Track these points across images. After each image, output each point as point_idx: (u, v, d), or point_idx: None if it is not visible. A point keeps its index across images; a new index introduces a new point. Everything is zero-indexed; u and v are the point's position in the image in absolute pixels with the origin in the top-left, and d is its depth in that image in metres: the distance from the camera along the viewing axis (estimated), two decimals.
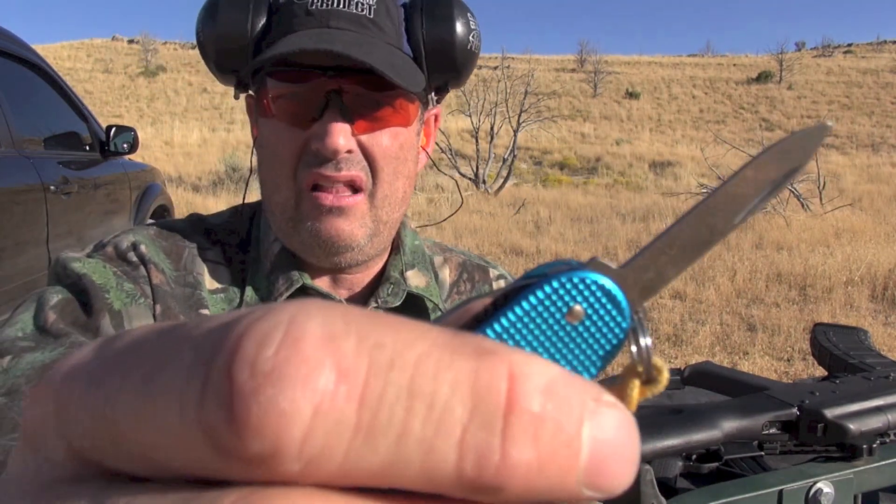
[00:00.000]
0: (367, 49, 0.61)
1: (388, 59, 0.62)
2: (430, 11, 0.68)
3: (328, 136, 0.61)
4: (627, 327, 0.16)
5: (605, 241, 6.97)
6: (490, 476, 0.12)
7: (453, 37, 0.68)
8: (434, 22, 0.68)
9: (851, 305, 4.79)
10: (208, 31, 0.66)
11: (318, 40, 0.61)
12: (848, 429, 0.63)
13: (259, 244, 0.71)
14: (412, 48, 0.68)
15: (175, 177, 12.56)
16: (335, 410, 0.11)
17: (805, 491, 0.62)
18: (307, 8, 0.63)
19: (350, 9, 0.63)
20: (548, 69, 37.66)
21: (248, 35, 0.65)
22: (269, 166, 0.66)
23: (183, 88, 34.88)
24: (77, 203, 3.06)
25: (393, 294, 0.70)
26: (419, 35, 0.68)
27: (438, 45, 0.68)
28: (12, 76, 2.86)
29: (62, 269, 0.63)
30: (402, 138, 0.67)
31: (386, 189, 0.66)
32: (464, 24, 0.69)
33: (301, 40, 0.61)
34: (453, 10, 0.69)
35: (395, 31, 0.66)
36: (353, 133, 0.63)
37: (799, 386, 0.70)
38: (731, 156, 10.20)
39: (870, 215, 8.38)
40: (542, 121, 15.39)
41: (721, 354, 3.96)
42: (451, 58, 0.69)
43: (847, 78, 34.23)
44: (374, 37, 0.64)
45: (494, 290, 0.16)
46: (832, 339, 1.10)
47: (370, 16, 0.64)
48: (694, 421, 0.60)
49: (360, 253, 0.67)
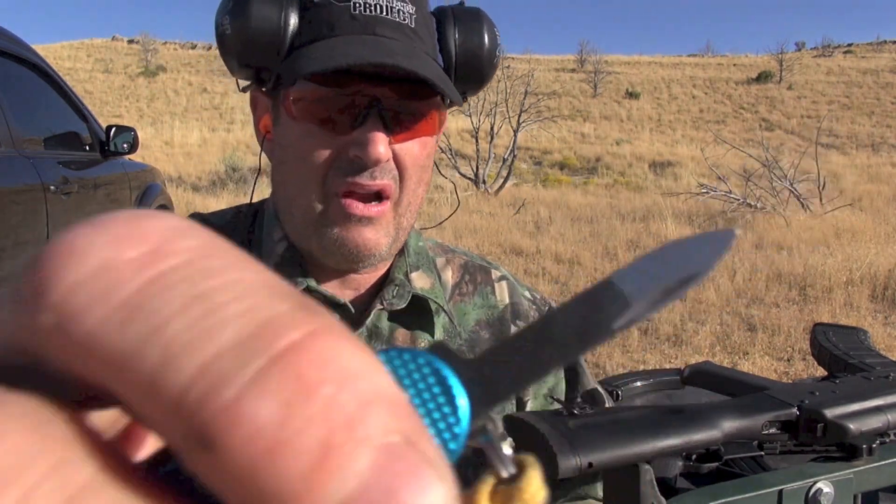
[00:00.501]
0: (418, 62, 0.61)
1: (436, 72, 0.63)
2: (463, 24, 0.68)
3: (371, 144, 0.61)
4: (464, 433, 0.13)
5: (605, 241, 6.97)
6: (209, 413, 0.10)
7: (483, 49, 0.68)
8: (467, 34, 0.68)
9: (851, 305, 4.79)
10: (236, 25, 0.64)
11: (374, 51, 0.60)
12: (848, 429, 0.63)
13: (261, 245, 0.70)
14: (443, 58, 0.68)
15: (175, 177, 12.56)
16: (117, 275, 0.11)
17: (805, 491, 0.62)
18: (351, 12, 0.62)
19: (393, 17, 0.62)
20: (548, 69, 37.66)
21: (280, 32, 0.63)
22: (293, 169, 0.65)
23: (183, 88, 34.87)
24: (77, 203, 3.06)
25: (398, 296, 0.70)
26: (451, 46, 0.68)
27: (469, 56, 0.68)
28: (12, 76, 2.86)
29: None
30: (430, 147, 0.67)
31: (410, 196, 0.67)
32: (492, 37, 0.69)
33: (355, 49, 0.60)
34: (483, 23, 0.69)
35: (431, 41, 0.66)
36: (391, 142, 0.63)
37: (799, 386, 0.70)
38: (731, 156, 10.19)
39: (870, 215, 8.38)
40: (542, 121, 15.39)
41: (721, 354, 3.96)
42: (479, 70, 0.69)
43: (847, 78, 34.23)
44: (417, 47, 0.63)
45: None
46: (832, 339, 1.10)
47: (412, 25, 0.64)
48: (694, 421, 0.60)
49: (379, 258, 0.67)
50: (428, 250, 0.78)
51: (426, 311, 0.72)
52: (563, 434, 0.56)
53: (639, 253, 4.78)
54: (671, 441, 0.58)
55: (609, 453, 0.55)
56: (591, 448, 0.55)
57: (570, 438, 0.56)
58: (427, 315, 0.72)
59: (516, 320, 0.78)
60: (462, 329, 0.75)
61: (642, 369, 2.05)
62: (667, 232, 7.32)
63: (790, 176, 9.19)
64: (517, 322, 0.78)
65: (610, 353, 3.93)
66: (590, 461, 0.54)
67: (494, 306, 0.78)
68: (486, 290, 0.78)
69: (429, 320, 0.72)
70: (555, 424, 0.58)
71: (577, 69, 38.60)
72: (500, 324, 0.77)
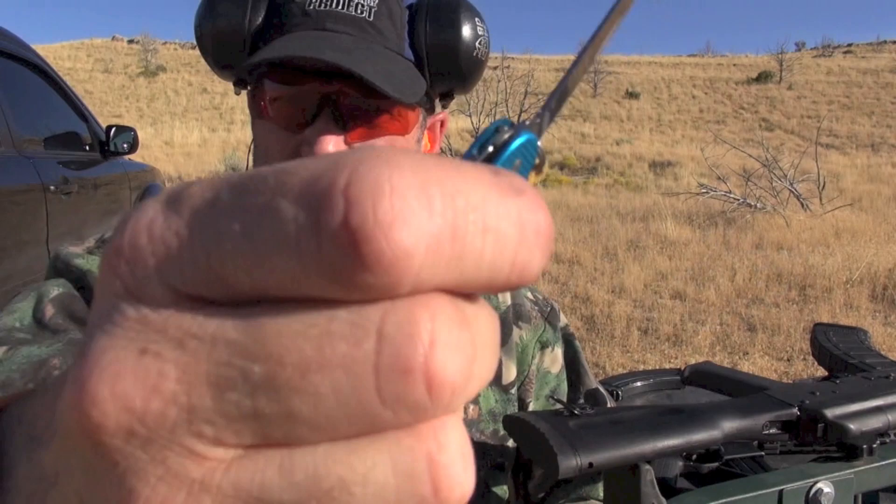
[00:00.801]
0: (361, 56, 0.59)
1: (385, 67, 0.60)
2: (435, 15, 0.65)
3: (317, 143, 0.60)
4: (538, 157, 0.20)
5: (605, 241, 6.97)
6: (524, 278, 0.15)
7: (458, 43, 0.65)
8: (438, 27, 0.65)
9: (851, 305, 4.79)
10: (206, 26, 0.65)
11: (309, 45, 0.59)
12: (848, 429, 0.63)
13: None
14: (414, 53, 0.65)
15: (175, 177, 12.56)
16: (440, 246, 0.14)
17: (805, 491, 0.62)
18: (304, 8, 0.61)
19: (349, 10, 0.61)
20: (548, 69, 37.64)
21: (244, 31, 0.64)
22: (259, 166, 0.66)
23: (183, 88, 34.87)
24: (77, 203, 3.06)
25: None
26: (422, 40, 0.65)
27: (442, 51, 0.65)
28: (12, 76, 2.86)
29: (63, 265, 0.62)
30: (402, 145, 0.65)
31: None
32: (470, 29, 0.66)
33: (293, 44, 0.59)
34: (459, 15, 0.66)
35: (396, 34, 0.64)
36: (347, 141, 0.61)
37: (799, 386, 0.70)
38: (731, 156, 10.19)
39: (870, 215, 8.38)
40: None
41: (721, 354, 3.96)
42: (456, 65, 0.66)
43: (847, 78, 34.23)
44: (372, 41, 0.62)
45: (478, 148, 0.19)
46: (832, 339, 1.10)
47: (370, 18, 0.62)
48: (694, 421, 0.60)
49: None
50: None
51: None
52: (563, 434, 0.56)
53: (638, 253, 4.75)
54: (671, 441, 0.58)
55: (609, 453, 0.55)
56: (591, 448, 0.55)
57: (570, 438, 0.56)
58: None
59: (518, 321, 0.78)
60: None
61: (642, 369, 2.05)
62: (666, 232, 7.32)
63: (790, 176, 9.19)
64: (519, 323, 0.78)
65: (610, 353, 3.93)
66: (590, 461, 0.54)
67: (496, 307, 0.77)
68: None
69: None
70: (555, 424, 0.58)
71: None
72: (503, 325, 0.76)
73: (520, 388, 0.77)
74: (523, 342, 0.77)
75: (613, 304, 4.80)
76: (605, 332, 4.29)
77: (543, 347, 0.78)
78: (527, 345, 0.77)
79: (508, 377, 0.75)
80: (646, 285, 5.38)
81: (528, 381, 0.77)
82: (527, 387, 0.77)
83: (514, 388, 0.76)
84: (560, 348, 0.80)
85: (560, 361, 0.80)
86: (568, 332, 0.82)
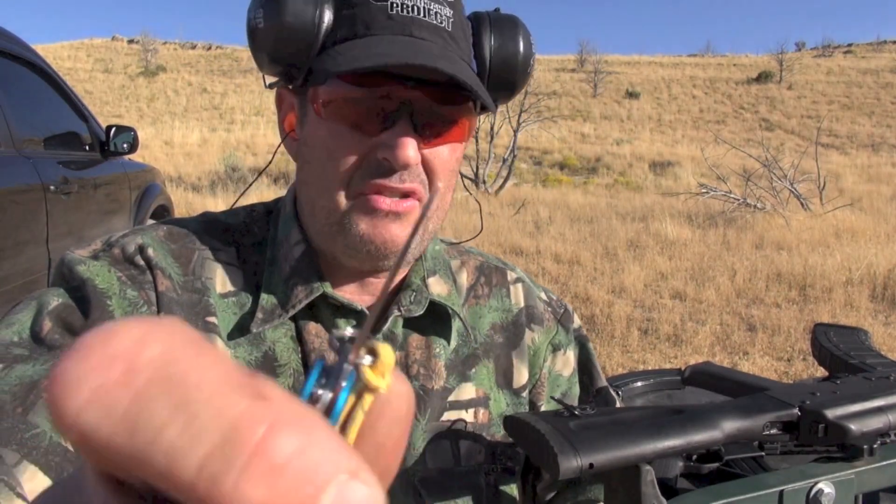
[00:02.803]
0: (455, 66, 0.60)
1: (472, 77, 0.61)
2: (500, 30, 0.67)
3: (400, 147, 0.60)
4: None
5: (605, 241, 6.97)
6: (220, 498, 0.14)
7: (518, 57, 0.67)
8: (503, 41, 0.67)
9: (851, 305, 4.79)
10: (270, 19, 0.62)
11: (411, 52, 0.58)
12: (849, 429, 0.63)
13: (275, 245, 0.69)
14: (477, 64, 0.67)
15: (175, 177, 12.56)
16: (109, 398, 0.14)
17: (806, 491, 0.62)
18: (388, 12, 0.60)
19: (430, 19, 0.61)
20: (548, 69, 37.65)
21: (314, 29, 0.62)
22: (319, 169, 0.64)
23: (183, 88, 34.87)
24: (77, 203, 3.06)
25: (416, 302, 0.69)
26: (486, 52, 0.67)
27: (504, 64, 0.67)
28: (12, 76, 2.86)
29: (68, 271, 0.61)
30: (459, 153, 0.66)
31: (438, 201, 0.66)
32: (527, 45, 0.68)
33: (391, 49, 0.59)
34: (519, 31, 0.68)
35: (467, 46, 0.65)
36: (420, 147, 0.62)
37: (799, 386, 0.70)
38: (731, 156, 10.20)
39: (870, 215, 8.38)
40: (542, 121, 15.39)
41: (721, 354, 3.96)
42: (513, 78, 0.68)
43: (847, 78, 34.22)
44: (453, 51, 0.62)
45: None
46: (833, 339, 1.10)
47: (449, 29, 0.62)
48: (694, 421, 0.60)
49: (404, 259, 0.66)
50: (444, 253, 0.77)
51: (442, 317, 0.71)
52: (564, 435, 0.56)
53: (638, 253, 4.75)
54: (672, 441, 0.58)
55: (610, 454, 0.55)
56: (592, 448, 0.55)
57: (571, 439, 0.56)
58: (443, 320, 0.71)
59: (531, 324, 0.77)
60: (477, 333, 0.74)
61: (642, 369, 2.05)
62: (666, 232, 7.32)
63: (790, 176, 9.20)
64: (532, 326, 0.77)
65: (610, 353, 3.93)
66: (591, 462, 0.54)
67: (509, 309, 0.77)
68: (502, 293, 0.77)
69: (445, 326, 0.71)
70: (556, 425, 0.58)
71: (577, 69, 38.60)
72: (515, 327, 0.76)
73: (531, 392, 0.76)
74: (535, 345, 0.76)
75: (613, 304, 4.80)
76: (605, 332, 4.29)
77: (555, 350, 0.78)
78: (539, 347, 0.76)
79: (520, 380, 0.75)
80: (646, 285, 5.38)
81: (540, 383, 0.76)
82: (538, 390, 0.76)
83: (525, 391, 0.75)
84: (572, 351, 0.79)
85: (572, 364, 0.79)
86: (581, 334, 0.81)
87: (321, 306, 0.67)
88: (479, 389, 0.72)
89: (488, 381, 0.73)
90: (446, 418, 0.69)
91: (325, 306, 0.67)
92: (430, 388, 0.69)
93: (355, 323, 0.67)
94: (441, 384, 0.69)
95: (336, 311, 0.67)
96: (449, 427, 0.69)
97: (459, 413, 0.70)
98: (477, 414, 0.71)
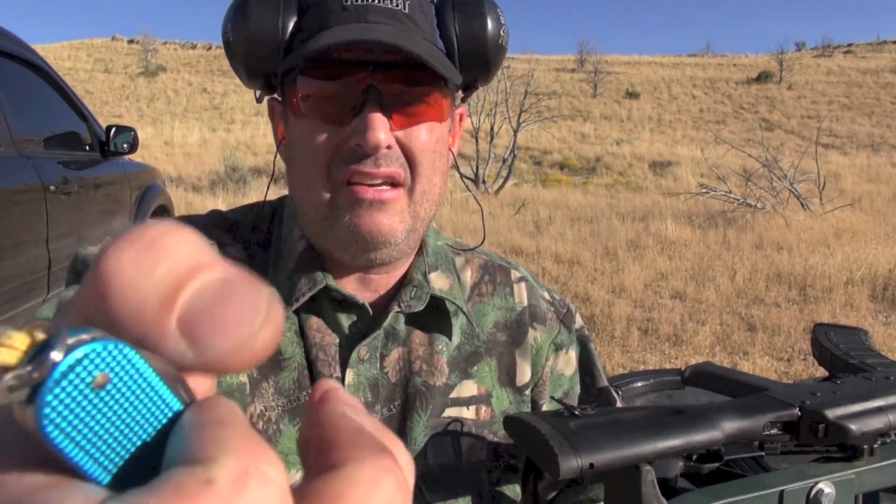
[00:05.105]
0: (410, 41, 0.60)
1: (431, 52, 0.62)
2: (463, 7, 0.68)
3: (369, 130, 0.60)
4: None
5: (605, 241, 6.96)
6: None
7: (485, 32, 0.67)
8: (466, 18, 0.67)
9: (851, 305, 4.79)
10: (238, 32, 0.64)
11: (363, 32, 0.60)
12: (849, 429, 0.63)
13: (280, 241, 0.70)
14: (445, 44, 0.67)
15: (175, 177, 12.56)
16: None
17: (806, 491, 0.62)
18: (342, 4, 0.62)
19: (385, 4, 0.63)
20: (548, 69, 37.66)
21: (279, 35, 0.64)
22: (300, 165, 0.65)
23: (183, 88, 34.88)
24: (77, 203, 3.06)
25: (416, 298, 0.69)
26: (452, 31, 0.67)
27: (471, 40, 0.67)
28: (12, 76, 2.86)
29: (82, 266, 0.63)
30: (438, 133, 0.66)
31: (424, 185, 0.65)
32: (494, 19, 0.68)
33: (343, 33, 0.60)
34: (485, 6, 0.68)
35: (429, 26, 0.66)
36: (392, 128, 0.62)
37: (800, 386, 0.70)
38: (731, 156, 10.19)
39: (870, 215, 8.38)
40: (542, 121, 15.39)
41: (721, 354, 3.96)
42: (483, 54, 0.68)
43: (847, 78, 34.22)
44: (411, 31, 0.63)
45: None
46: (833, 339, 1.10)
47: (405, 10, 0.63)
48: (694, 421, 0.60)
49: (395, 249, 0.65)
50: (447, 250, 0.77)
51: (444, 313, 0.71)
52: (564, 435, 0.56)
53: (638, 253, 4.74)
54: (672, 442, 0.58)
55: (610, 454, 0.55)
56: (592, 449, 0.55)
57: (571, 439, 0.56)
58: (445, 317, 0.71)
59: (534, 322, 0.77)
60: (480, 331, 0.74)
61: (642, 369, 2.05)
62: (666, 232, 7.32)
63: (790, 176, 9.19)
64: (535, 325, 0.77)
65: (610, 353, 3.93)
66: (591, 462, 0.54)
67: (513, 308, 0.77)
68: (505, 291, 0.77)
69: (447, 322, 0.71)
70: (556, 425, 0.58)
71: (577, 69, 38.61)
72: (518, 326, 0.76)
73: (533, 390, 0.76)
74: (538, 343, 0.76)
75: (613, 304, 4.79)
76: (605, 332, 4.29)
77: (558, 349, 0.78)
78: (541, 346, 0.76)
79: (523, 378, 0.75)
80: (646, 285, 5.38)
81: (542, 382, 0.76)
82: (540, 388, 0.76)
83: (528, 389, 0.76)
84: (574, 351, 0.80)
85: (574, 364, 0.79)
86: (583, 334, 0.81)
87: (323, 301, 0.67)
88: (480, 386, 0.72)
89: (490, 378, 0.73)
90: (448, 415, 0.70)
91: (327, 301, 0.67)
92: (432, 385, 0.69)
93: (356, 318, 0.68)
94: (443, 381, 0.70)
95: (338, 306, 0.67)
96: (449, 424, 0.69)
97: (461, 410, 0.70)
98: (478, 411, 0.71)
